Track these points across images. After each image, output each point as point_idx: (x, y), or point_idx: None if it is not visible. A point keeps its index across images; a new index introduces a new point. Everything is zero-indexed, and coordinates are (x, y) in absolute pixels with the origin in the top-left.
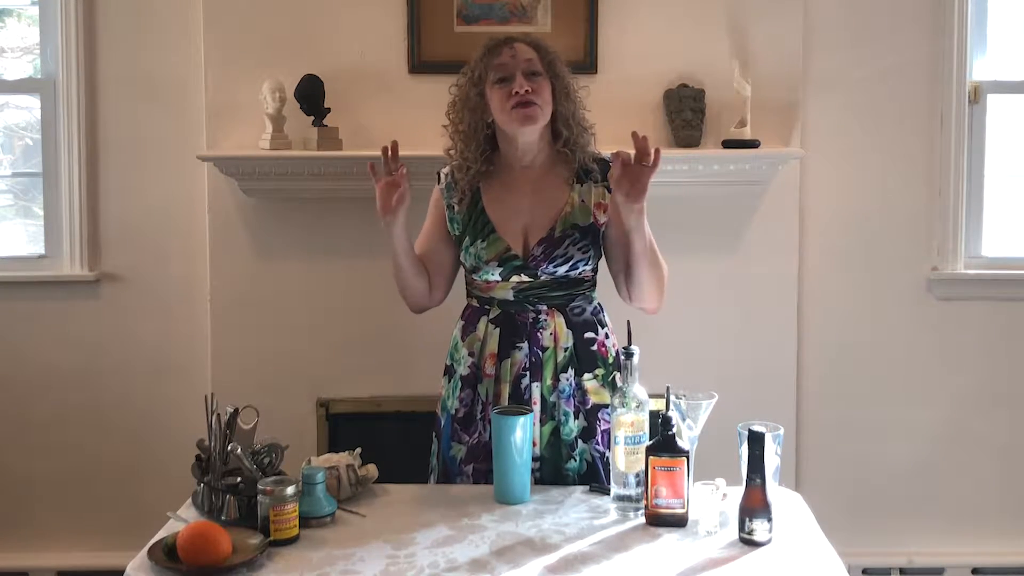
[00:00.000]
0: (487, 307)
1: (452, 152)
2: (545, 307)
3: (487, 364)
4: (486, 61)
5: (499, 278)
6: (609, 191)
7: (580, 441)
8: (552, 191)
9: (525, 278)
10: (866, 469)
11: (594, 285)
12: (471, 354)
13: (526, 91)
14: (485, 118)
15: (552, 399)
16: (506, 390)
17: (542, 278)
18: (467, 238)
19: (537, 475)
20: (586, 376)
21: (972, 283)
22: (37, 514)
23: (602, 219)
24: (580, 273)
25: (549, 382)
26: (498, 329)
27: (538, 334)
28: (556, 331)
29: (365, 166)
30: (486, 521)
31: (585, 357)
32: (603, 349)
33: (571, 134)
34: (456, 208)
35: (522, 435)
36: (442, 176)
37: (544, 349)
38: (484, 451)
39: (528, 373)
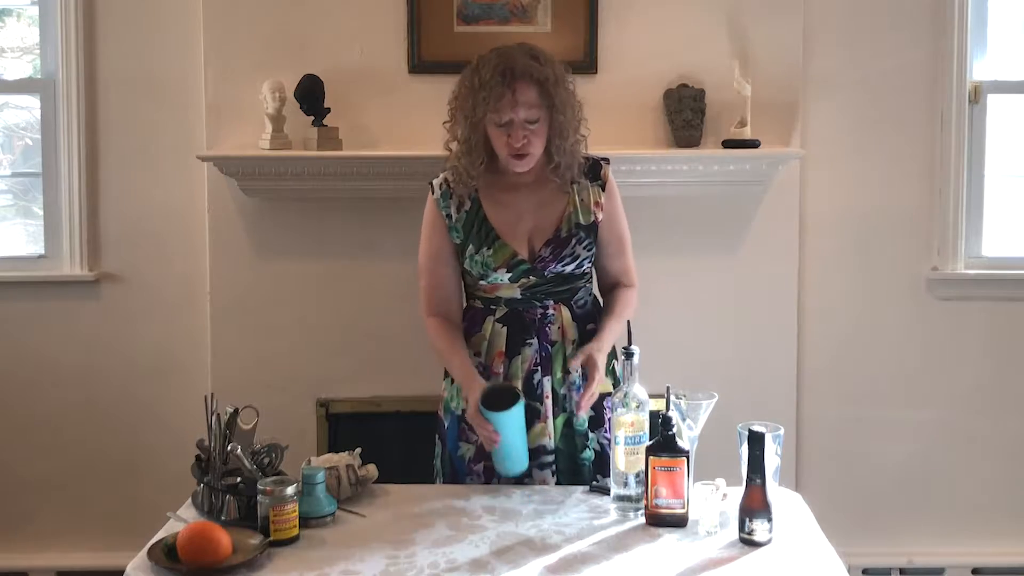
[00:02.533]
0: (492, 307)
1: (452, 146)
2: (552, 302)
3: (495, 363)
4: (487, 98)
5: (508, 282)
6: (603, 189)
7: (589, 431)
8: (551, 193)
9: (532, 278)
10: (866, 469)
11: (591, 278)
12: (477, 354)
13: (523, 143)
14: (483, 132)
15: (563, 391)
16: (518, 387)
17: (548, 277)
18: (470, 246)
19: (553, 467)
20: None
21: (972, 283)
22: (37, 514)
23: (600, 216)
24: (583, 270)
25: (559, 375)
26: (505, 327)
27: (547, 329)
28: (563, 325)
29: (365, 166)
30: (486, 521)
31: None
32: None
33: (561, 161)
34: (455, 217)
35: (515, 420)
36: (435, 186)
37: (553, 343)
38: None
39: (539, 368)
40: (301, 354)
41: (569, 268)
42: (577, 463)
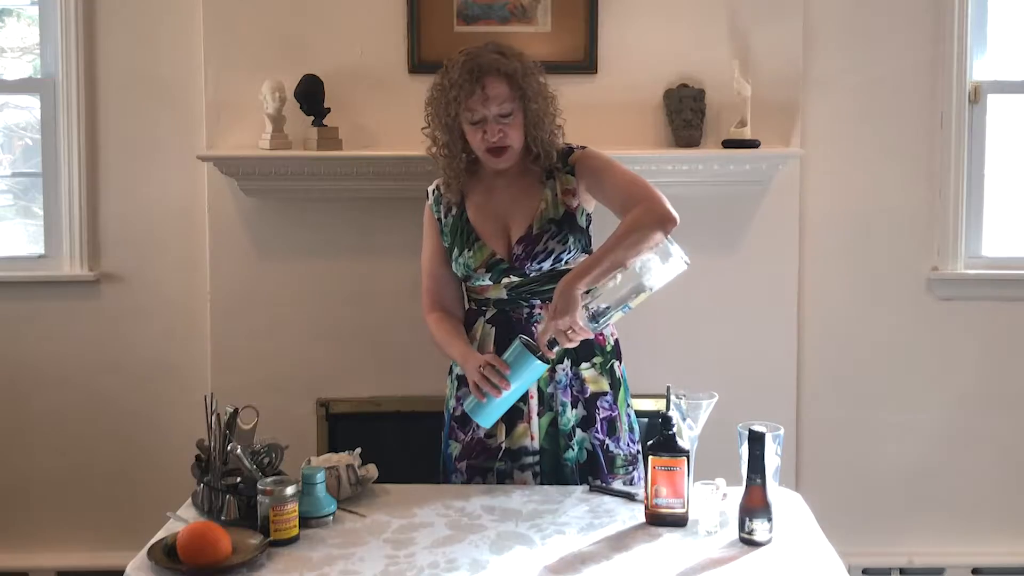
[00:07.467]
0: (483, 308)
1: (433, 150)
2: (538, 301)
3: None
4: (459, 100)
5: (490, 282)
6: (572, 175)
7: (579, 430)
8: (527, 192)
9: (515, 278)
10: (866, 469)
11: None
12: None
13: (499, 137)
14: (461, 136)
15: (549, 390)
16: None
17: (531, 275)
18: (455, 249)
19: (536, 468)
20: (584, 365)
21: (972, 283)
22: (37, 514)
23: (574, 203)
24: (566, 264)
25: (545, 374)
26: (494, 328)
27: (532, 328)
28: None
29: (365, 166)
30: (486, 521)
31: (582, 347)
32: (600, 337)
33: (540, 150)
34: (444, 221)
35: (531, 377)
36: (430, 192)
37: None
38: (477, 448)
39: None
40: (301, 354)
41: (547, 264)
42: (560, 463)
